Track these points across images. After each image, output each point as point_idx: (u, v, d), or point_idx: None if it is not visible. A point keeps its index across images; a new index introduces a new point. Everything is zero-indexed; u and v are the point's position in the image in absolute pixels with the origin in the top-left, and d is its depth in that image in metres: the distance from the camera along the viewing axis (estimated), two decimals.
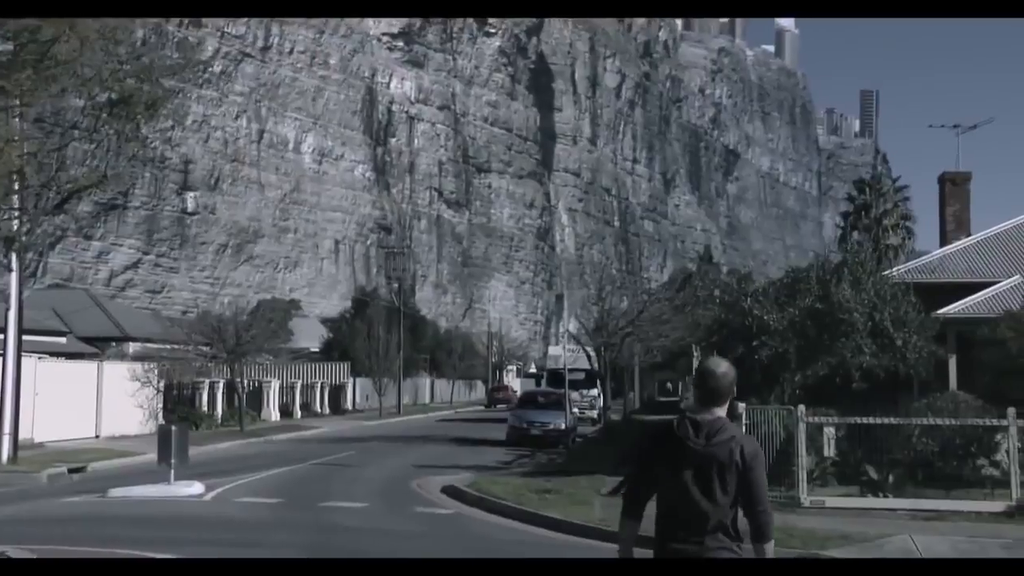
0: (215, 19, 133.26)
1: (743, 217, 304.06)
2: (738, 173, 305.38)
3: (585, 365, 50.33)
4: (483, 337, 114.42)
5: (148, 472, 23.04)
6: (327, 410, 59.98)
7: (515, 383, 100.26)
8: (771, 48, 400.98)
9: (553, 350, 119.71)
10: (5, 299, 28.74)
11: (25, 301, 28.80)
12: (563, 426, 37.37)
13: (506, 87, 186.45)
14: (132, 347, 51.56)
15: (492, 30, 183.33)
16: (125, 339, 53.13)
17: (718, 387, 5.89)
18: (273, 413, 51.23)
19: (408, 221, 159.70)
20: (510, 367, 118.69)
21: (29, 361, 30.81)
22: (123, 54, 24.35)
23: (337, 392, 63.20)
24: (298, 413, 54.92)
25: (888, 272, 27.14)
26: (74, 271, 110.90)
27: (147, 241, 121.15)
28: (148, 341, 50.88)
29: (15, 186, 23.66)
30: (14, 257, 25.86)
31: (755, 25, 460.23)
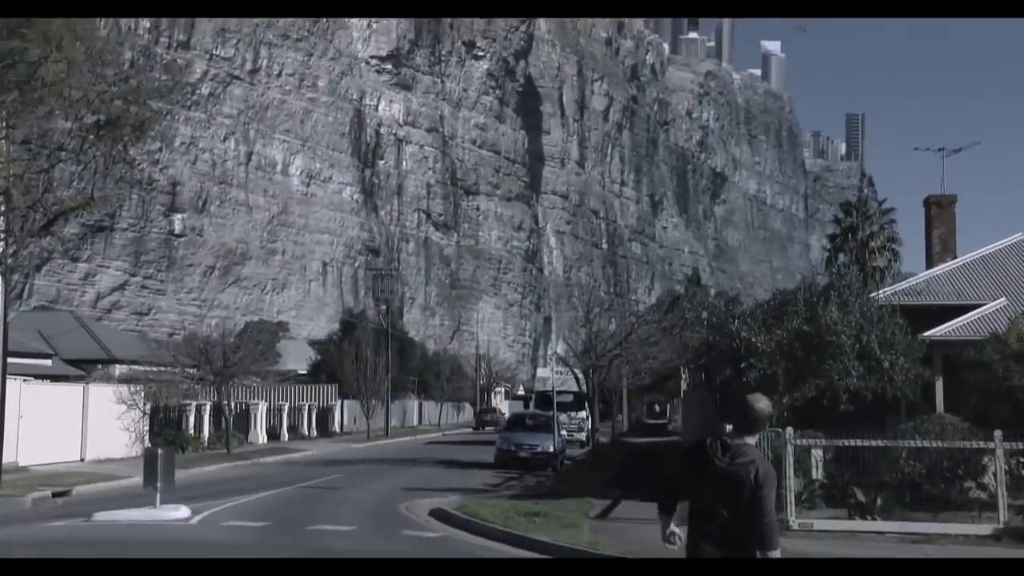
0: (203, 43, 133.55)
1: (730, 239, 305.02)
2: (725, 196, 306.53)
3: (573, 387, 50.36)
4: (471, 359, 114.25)
5: (134, 496, 22.86)
6: (315, 432, 59.74)
7: (503, 405, 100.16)
8: (758, 72, 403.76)
9: (541, 372, 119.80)
10: None
11: (10, 323, 28.66)
12: (551, 448, 37.29)
13: (494, 110, 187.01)
14: (118, 369, 51.34)
15: (480, 53, 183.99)
16: (111, 361, 52.90)
17: (756, 419, 7.14)
18: (260, 435, 51.00)
19: (396, 243, 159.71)
20: (498, 389, 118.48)
21: (13, 384, 30.59)
22: (111, 76, 24.34)
23: (325, 414, 62.99)
24: (286, 435, 54.69)
25: (875, 294, 27.20)
26: (60, 293, 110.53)
27: (134, 263, 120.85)
28: (135, 363, 50.64)
29: (1, 208, 23.57)
30: (0, 279, 25.74)
31: (742, 49, 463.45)
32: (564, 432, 44.66)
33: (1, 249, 24.59)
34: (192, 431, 43.76)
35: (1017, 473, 19.75)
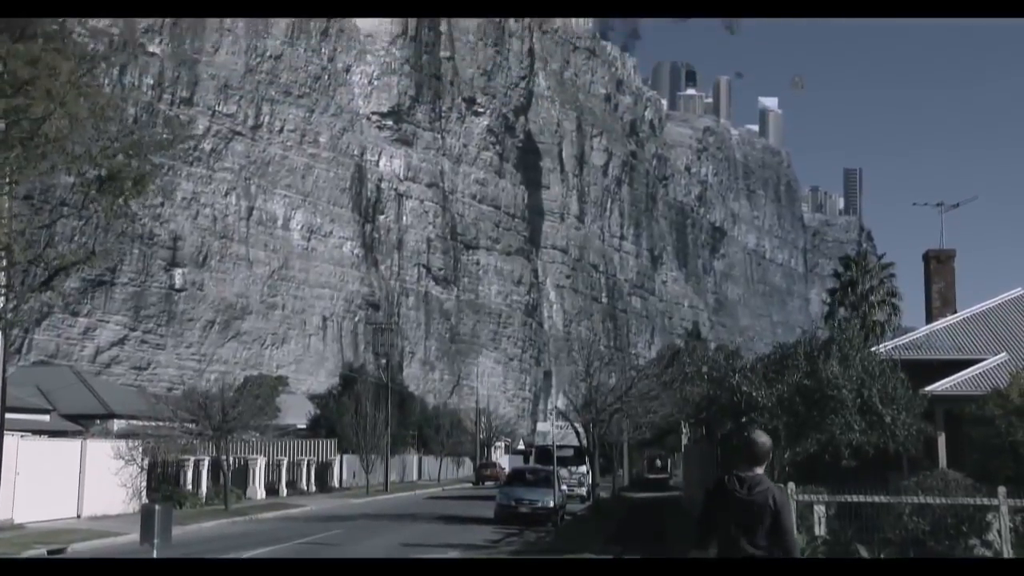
0: (206, 99, 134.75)
1: (730, 293, 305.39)
2: (724, 250, 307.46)
3: (574, 442, 50.05)
4: (471, 414, 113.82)
5: (130, 553, 22.63)
6: (314, 487, 59.36)
7: (503, 460, 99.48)
8: (755, 127, 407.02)
9: (541, 426, 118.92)
10: None
11: (9, 378, 28.57)
12: (551, 504, 37.02)
13: (494, 165, 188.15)
14: (117, 424, 51.10)
15: (480, 109, 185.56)
16: (110, 416, 52.67)
17: (759, 452, 8.13)
18: (259, 491, 50.65)
19: (396, 298, 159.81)
20: (498, 444, 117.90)
21: (11, 440, 30.45)
22: (113, 131, 24.49)
23: (324, 469, 62.61)
24: (284, 491, 54.32)
25: (875, 348, 27.14)
26: (59, 347, 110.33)
27: (134, 317, 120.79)
28: (133, 418, 50.44)
29: (2, 263, 23.59)
30: (0, 334, 25.71)
31: (739, 106, 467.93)
32: (564, 487, 44.35)
33: (1, 305, 24.58)
34: (190, 486, 43.47)
35: (1022, 530, 19.57)
